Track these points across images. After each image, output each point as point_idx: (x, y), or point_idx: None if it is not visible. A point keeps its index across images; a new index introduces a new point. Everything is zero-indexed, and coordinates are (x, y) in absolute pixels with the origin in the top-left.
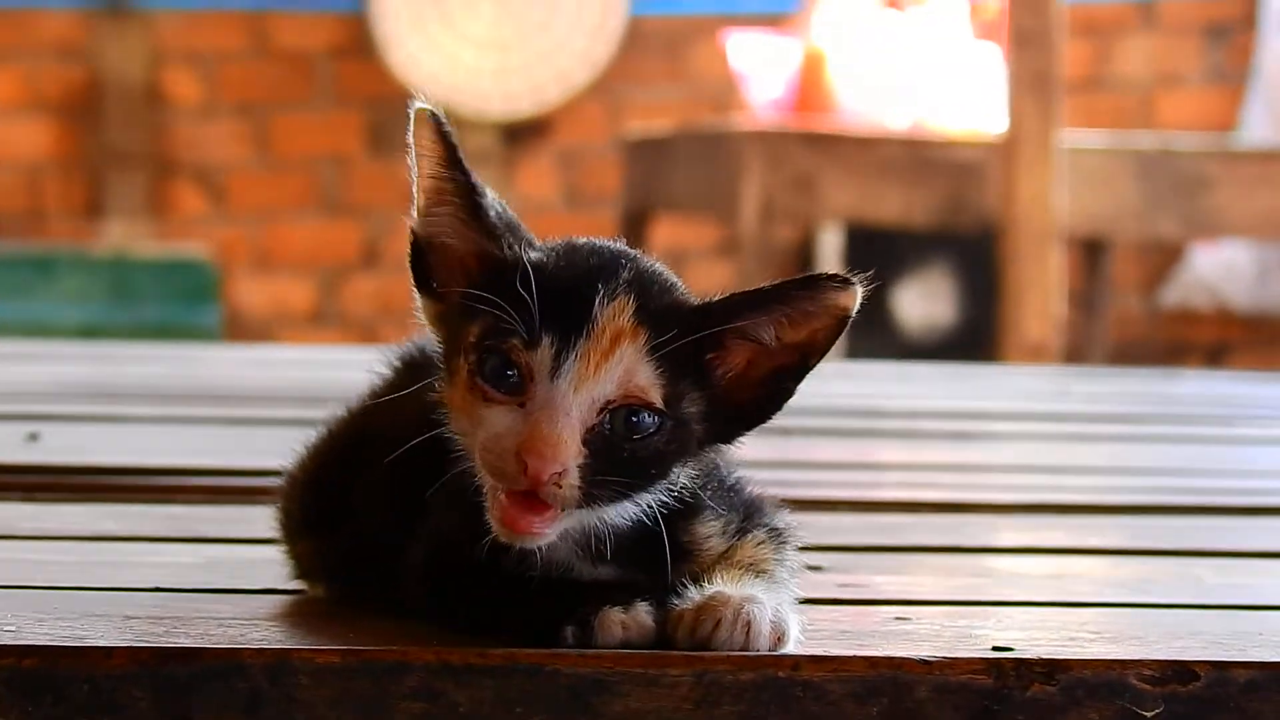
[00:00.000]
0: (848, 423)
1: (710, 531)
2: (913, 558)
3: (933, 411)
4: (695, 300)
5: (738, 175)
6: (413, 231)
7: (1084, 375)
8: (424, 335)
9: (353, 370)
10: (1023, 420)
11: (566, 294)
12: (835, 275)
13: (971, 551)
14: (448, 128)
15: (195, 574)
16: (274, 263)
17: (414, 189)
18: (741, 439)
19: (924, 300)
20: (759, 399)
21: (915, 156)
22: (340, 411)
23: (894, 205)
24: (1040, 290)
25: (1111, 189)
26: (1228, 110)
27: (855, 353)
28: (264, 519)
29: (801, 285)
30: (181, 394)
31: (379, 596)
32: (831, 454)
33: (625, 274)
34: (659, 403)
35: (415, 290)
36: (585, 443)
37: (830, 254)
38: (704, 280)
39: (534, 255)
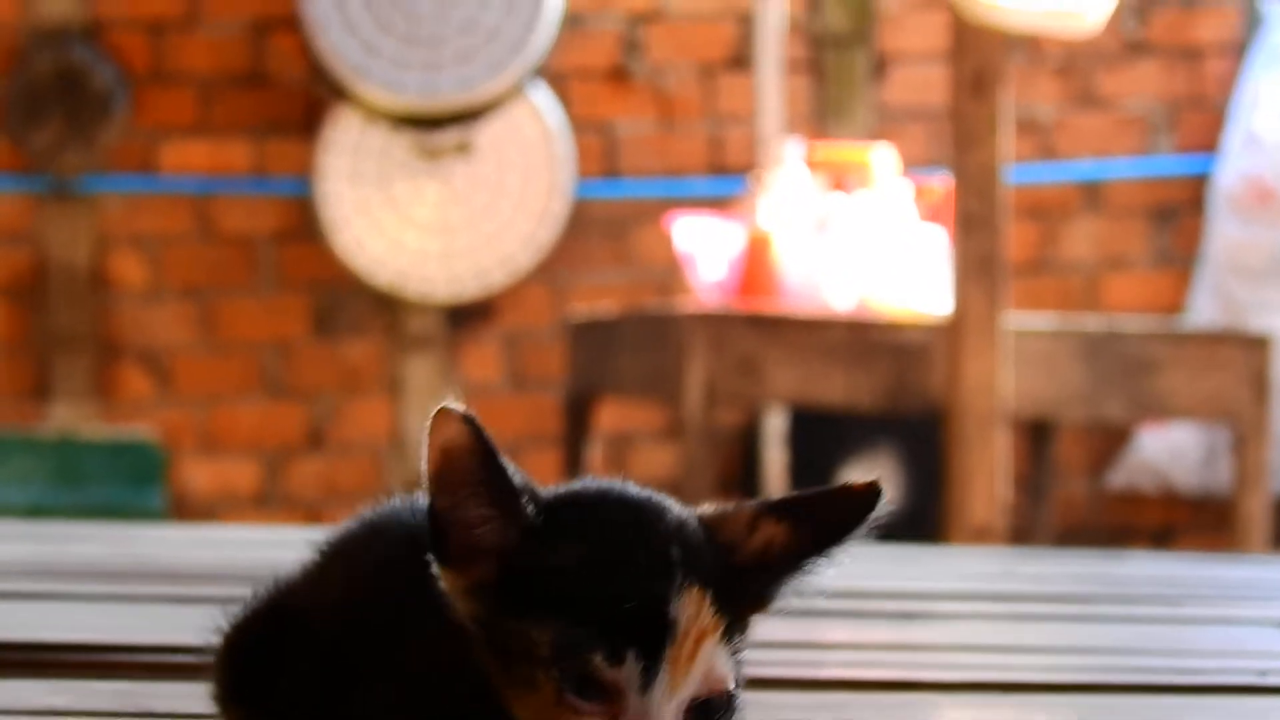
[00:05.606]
0: (791, 601)
1: None
2: None
3: (878, 592)
4: (733, 546)
5: (681, 358)
6: (433, 509)
7: (1030, 556)
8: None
9: (297, 550)
10: (968, 600)
11: (633, 593)
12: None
13: None
14: (481, 428)
15: None
16: (220, 445)
17: (426, 471)
18: None
19: None
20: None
21: (860, 339)
22: (275, 583)
23: (839, 388)
24: (985, 473)
25: (1057, 372)
26: (1175, 293)
27: None
28: (208, 695)
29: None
30: (127, 572)
31: None
32: (773, 633)
33: (676, 551)
34: (734, 684)
35: (438, 565)
36: None
37: (775, 437)
38: (648, 464)
39: (579, 549)
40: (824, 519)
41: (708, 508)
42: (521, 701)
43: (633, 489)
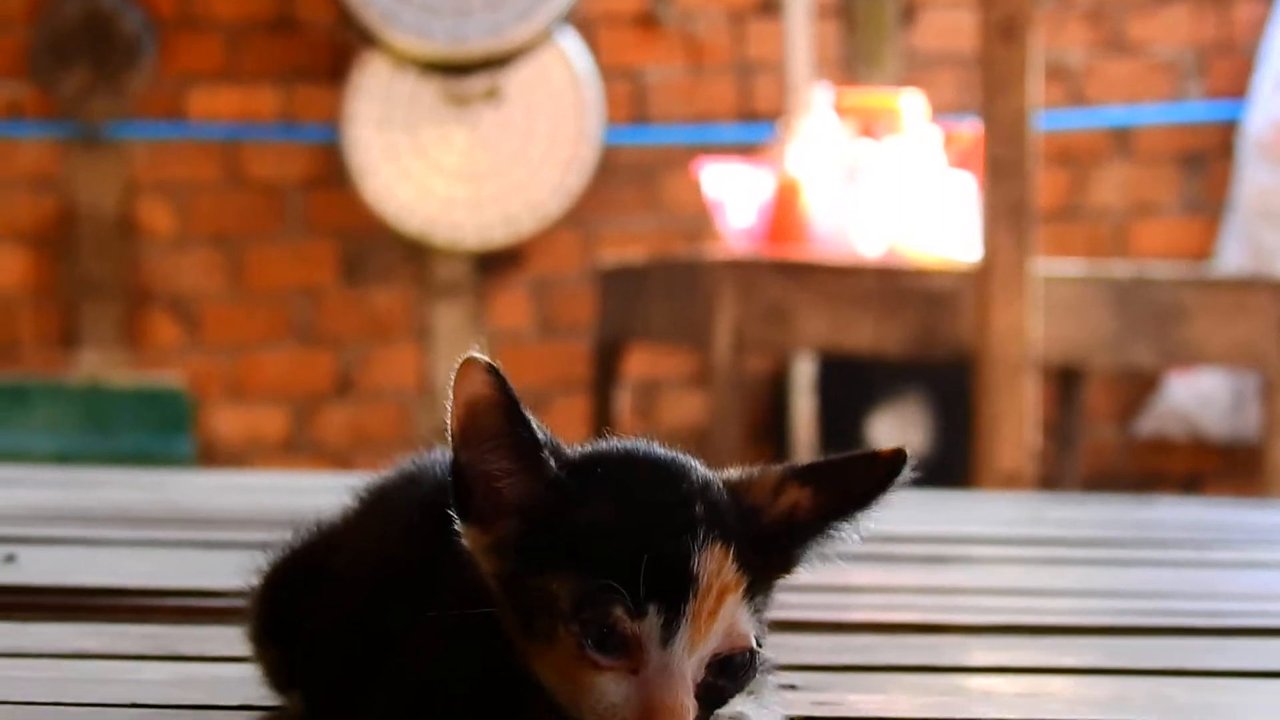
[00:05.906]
0: (815, 564)
1: None
2: (886, 677)
3: (906, 536)
4: (758, 509)
5: (710, 305)
6: (456, 462)
7: (1058, 501)
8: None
9: (326, 496)
10: (997, 544)
11: (655, 547)
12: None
13: (945, 670)
14: (505, 379)
15: (171, 691)
16: (248, 392)
17: (450, 424)
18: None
19: (898, 430)
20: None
21: (889, 286)
22: (313, 528)
23: (867, 335)
24: (1014, 420)
25: (1086, 318)
26: (1204, 239)
27: None
28: (237, 638)
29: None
30: (156, 518)
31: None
32: (803, 577)
33: (699, 508)
34: (755, 640)
35: (460, 522)
36: (696, 697)
37: (803, 384)
38: (677, 411)
39: (603, 505)
40: (849, 485)
41: (733, 471)
42: (542, 657)
43: (658, 448)
